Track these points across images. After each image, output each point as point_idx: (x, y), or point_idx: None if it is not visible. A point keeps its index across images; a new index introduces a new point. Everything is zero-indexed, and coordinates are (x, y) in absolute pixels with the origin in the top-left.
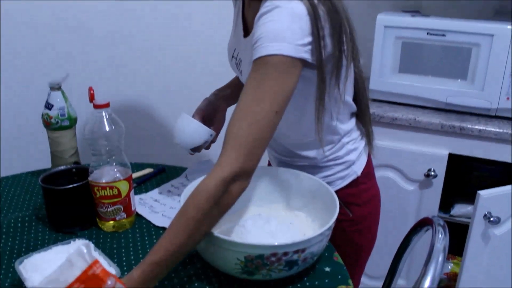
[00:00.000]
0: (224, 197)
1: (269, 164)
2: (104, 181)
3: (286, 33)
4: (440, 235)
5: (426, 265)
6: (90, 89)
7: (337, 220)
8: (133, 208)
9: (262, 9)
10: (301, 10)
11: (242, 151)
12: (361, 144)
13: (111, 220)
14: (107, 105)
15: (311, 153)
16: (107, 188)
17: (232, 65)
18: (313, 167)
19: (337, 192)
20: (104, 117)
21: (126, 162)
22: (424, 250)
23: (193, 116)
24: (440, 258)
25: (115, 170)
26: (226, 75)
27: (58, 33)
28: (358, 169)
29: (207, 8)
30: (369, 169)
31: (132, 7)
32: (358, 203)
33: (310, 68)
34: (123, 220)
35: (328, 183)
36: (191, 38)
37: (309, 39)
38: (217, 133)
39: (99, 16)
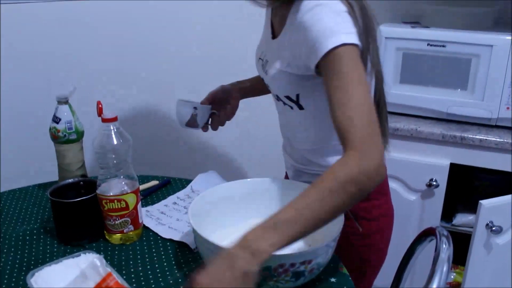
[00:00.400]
0: (364, 179)
1: (286, 175)
2: (112, 194)
3: (338, 26)
4: (444, 245)
5: (431, 275)
6: (99, 103)
7: (346, 233)
8: (140, 221)
9: (303, 9)
10: (341, 7)
11: (369, 132)
12: None
13: (119, 233)
14: (115, 119)
15: (326, 161)
16: (115, 201)
17: (258, 66)
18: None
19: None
20: (112, 130)
21: (133, 175)
22: (427, 260)
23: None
24: (445, 268)
25: (123, 183)
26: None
27: (65, 46)
28: None
29: (215, 16)
30: (383, 187)
31: (139, 17)
32: (368, 218)
33: None
34: (131, 233)
35: None
36: (199, 49)
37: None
38: (227, 119)
39: (106, 28)
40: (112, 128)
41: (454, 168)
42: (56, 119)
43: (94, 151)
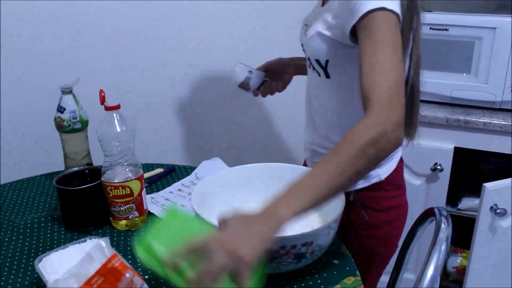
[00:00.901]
0: (383, 141)
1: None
2: (116, 181)
3: None
4: (443, 225)
5: (429, 254)
6: (101, 91)
7: (353, 223)
8: (145, 207)
9: None
10: None
11: (394, 100)
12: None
13: (124, 219)
14: (117, 107)
15: None
16: (120, 188)
17: (301, 33)
18: None
19: (356, 191)
20: (115, 118)
21: (137, 162)
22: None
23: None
24: (443, 247)
25: (127, 170)
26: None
27: (68, 37)
28: (382, 173)
29: (217, 10)
30: (396, 179)
31: (141, 9)
32: (376, 209)
33: None
34: (136, 219)
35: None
36: (200, 38)
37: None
38: (277, 90)
39: (108, 18)
40: (115, 116)
41: (459, 152)
42: (60, 109)
43: (98, 139)
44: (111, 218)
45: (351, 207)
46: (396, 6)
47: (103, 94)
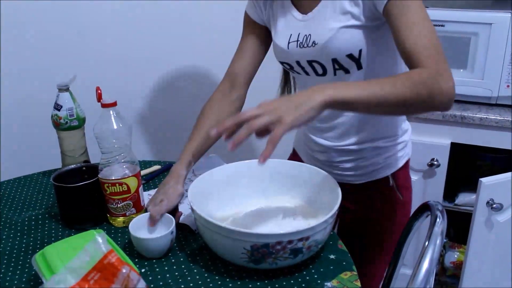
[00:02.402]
0: (436, 84)
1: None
2: (113, 178)
3: None
4: (438, 219)
5: (424, 247)
6: (98, 89)
7: (391, 203)
8: (142, 204)
9: None
10: None
11: (440, 56)
12: (409, 125)
13: (121, 216)
14: (114, 104)
15: (364, 136)
16: (117, 185)
17: (290, 52)
18: (375, 148)
19: (393, 174)
20: (112, 115)
21: (134, 159)
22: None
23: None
24: (438, 241)
25: (124, 167)
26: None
27: (64, 35)
28: (410, 150)
29: (214, 8)
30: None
31: (139, 7)
32: (407, 187)
33: None
34: (133, 216)
35: (387, 165)
36: (197, 36)
37: None
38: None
39: (104, 17)
40: (112, 113)
41: (456, 148)
42: (57, 107)
43: (95, 136)
44: (108, 215)
45: (387, 193)
46: None
47: (99, 91)
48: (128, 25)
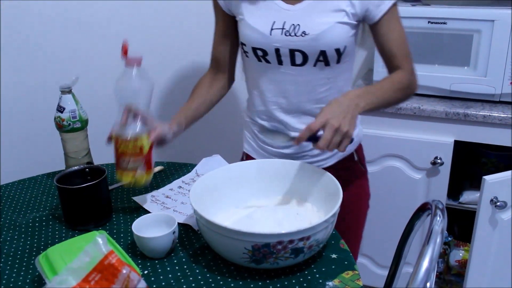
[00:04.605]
0: (412, 87)
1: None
2: (127, 136)
3: None
4: (438, 218)
5: (424, 246)
6: (125, 42)
7: (356, 176)
8: (152, 165)
9: None
10: None
11: (410, 55)
12: None
13: (133, 173)
14: (139, 61)
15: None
16: (130, 143)
17: (270, 39)
18: None
19: (356, 150)
20: (135, 72)
21: (151, 121)
22: None
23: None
24: (438, 240)
25: (140, 125)
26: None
27: (67, 37)
28: (361, 127)
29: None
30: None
31: (141, 8)
32: (364, 158)
33: None
34: (140, 177)
35: (356, 142)
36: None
37: None
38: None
39: (107, 18)
40: (135, 70)
41: (460, 146)
42: (60, 109)
43: (115, 93)
44: (117, 171)
45: (354, 168)
46: None
47: (126, 45)
48: (131, 26)
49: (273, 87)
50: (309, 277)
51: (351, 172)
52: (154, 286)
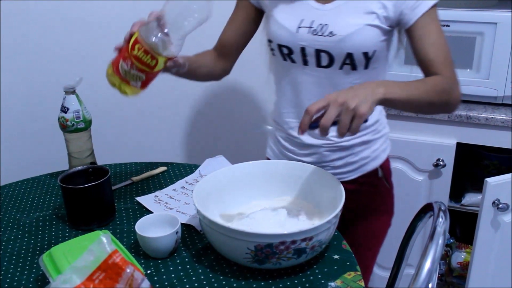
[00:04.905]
0: (452, 92)
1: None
2: (150, 43)
3: None
4: (440, 219)
5: (426, 247)
6: None
7: (380, 193)
8: (147, 85)
9: None
10: None
11: (453, 66)
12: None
13: (124, 81)
14: None
15: None
16: (148, 53)
17: (296, 37)
18: (364, 143)
19: (381, 166)
20: None
21: (177, 49)
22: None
23: None
24: (440, 241)
25: (165, 41)
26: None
27: (70, 37)
28: (389, 142)
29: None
30: None
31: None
32: (390, 175)
33: None
34: (131, 89)
35: (375, 157)
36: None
37: None
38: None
39: (111, 18)
40: None
41: (462, 148)
42: (64, 109)
43: (162, 11)
44: (111, 66)
45: (377, 184)
46: None
47: None
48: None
49: (297, 88)
50: (311, 278)
51: (374, 188)
52: (157, 286)
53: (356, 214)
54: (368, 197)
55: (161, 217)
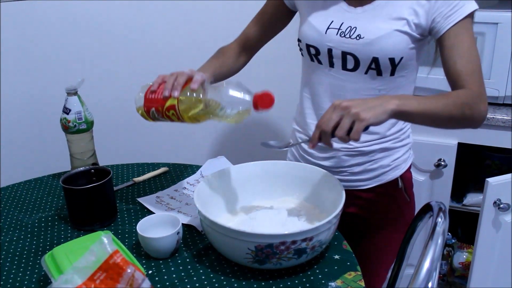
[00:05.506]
0: (476, 106)
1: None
2: (186, 116)
3: None
4: (440, 219)
5: (426, 247)
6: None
7: (398, 205)
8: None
9: None
10: None
11: (482, 80)
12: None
13: (149, 117)
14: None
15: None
16: (180, 118)
17: (324, 37)
18: (384, 150)
19: (401, 176)
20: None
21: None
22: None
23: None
24: (440, 240)
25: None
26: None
27: (73, 38)
28: (412, 152)
29: (222, 10)
30: None
31: (146, 9)
32: (412, 187)
33: None
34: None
35: (396, 167)
36: (205, 38)
37: None
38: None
39: (113, 19)
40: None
41: (464, 148)
42: (66, 110)
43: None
44: (140, 106)
45: (396, 195)
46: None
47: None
48: (136, 28)
49: (322, 90)
50: (311, 278)
51: (392, 199)
52: (158, 286)
53: (370, 225)
54: (385, 208)
55: (162, 218)
